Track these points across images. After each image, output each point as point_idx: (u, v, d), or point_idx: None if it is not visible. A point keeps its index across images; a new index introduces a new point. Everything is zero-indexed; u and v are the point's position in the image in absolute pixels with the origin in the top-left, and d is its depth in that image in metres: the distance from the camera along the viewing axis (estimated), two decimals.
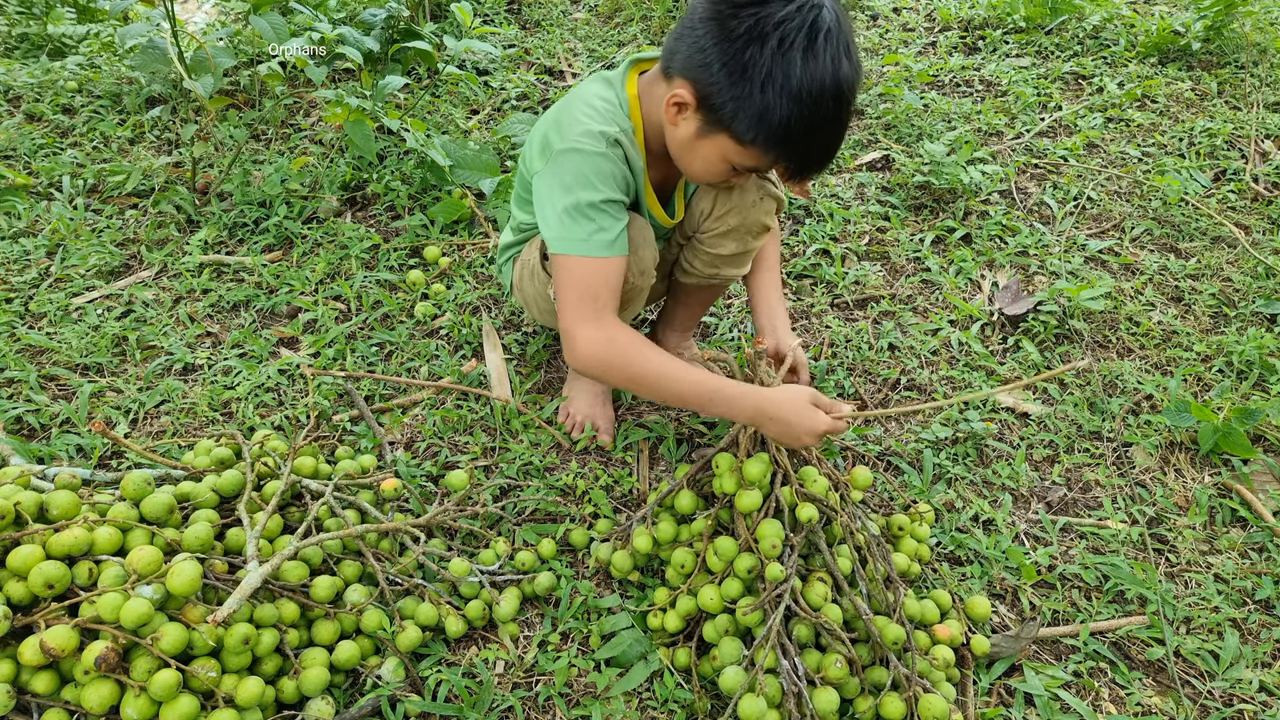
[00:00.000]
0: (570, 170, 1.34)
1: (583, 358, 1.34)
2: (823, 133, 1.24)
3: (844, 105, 1.21)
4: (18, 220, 2.39)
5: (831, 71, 1.17)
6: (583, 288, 1.34)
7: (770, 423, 1.33)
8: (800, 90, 1.17)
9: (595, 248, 1.33)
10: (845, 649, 1.30)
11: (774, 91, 1.18)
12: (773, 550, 1.33)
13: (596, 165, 1.34)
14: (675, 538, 1.51)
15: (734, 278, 1.75)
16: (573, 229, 1.33)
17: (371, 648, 1.40)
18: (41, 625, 1.15)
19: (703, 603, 1.38)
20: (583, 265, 1.33)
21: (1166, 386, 2.00)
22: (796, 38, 1.15)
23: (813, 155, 1.28)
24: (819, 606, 1.34)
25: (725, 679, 1.29)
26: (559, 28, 3.68)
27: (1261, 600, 1.57)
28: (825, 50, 1.16)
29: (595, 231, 1.33)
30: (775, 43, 1.16)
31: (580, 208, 1.33)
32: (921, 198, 2.64)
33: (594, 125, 1.35)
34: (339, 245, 2.35)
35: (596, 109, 1.39)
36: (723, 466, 1.44)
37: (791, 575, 1.34)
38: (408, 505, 1.65)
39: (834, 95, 1.18)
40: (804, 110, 1.19)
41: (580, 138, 1.34)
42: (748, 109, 1.21)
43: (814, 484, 1.42)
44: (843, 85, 1.18)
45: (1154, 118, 3.02)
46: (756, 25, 1.17)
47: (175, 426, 1.82)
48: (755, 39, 1.17)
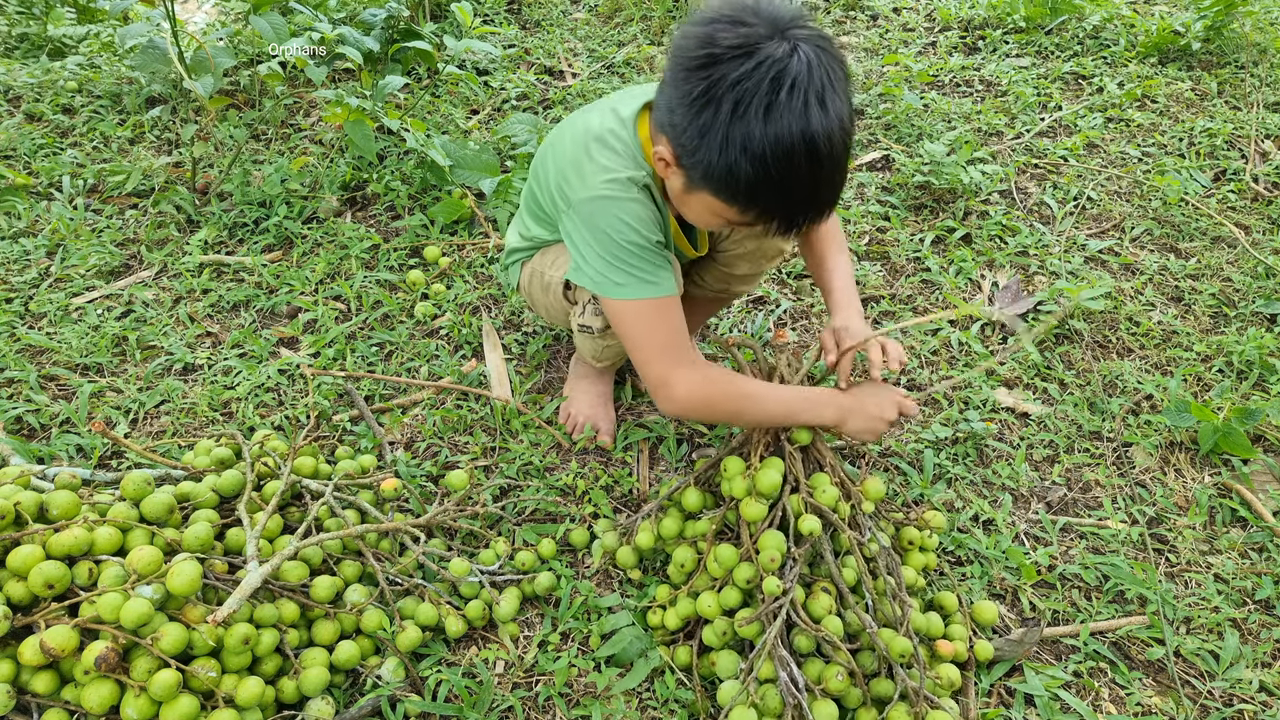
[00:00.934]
0: (607, 218, 1.31)
1: (683, 401, 1.35)
2: (800, 188, 1.16)
3: (818, 156, 1.12)
4: (18, 220, 2.39)
5: (800, 126, 1.09)
6: (663, 334, 1.33)
7: (853, 418, 1.39)
8: (763, 151, 1.11)
9: (650, 290, 1.32)
10: (847, 661, 1.29)
11: (735, 153, 1.12)
12: (771, 564, 1.31)
13: (633, 211, 1.31)
14: (680, 534, 1.51)
15: (743, 293, 1.77)
16: (621, 275, 1.32)
17: (371, 648, 1.40)
18: (41, 625, 1.15)
19: (701, 609, 1.37)
20: (652, 308, 1.32)
21: (1166, 386, 2.00)
22: (753, 99, 1.08)
23: (796, 209, 1.20)
24: (821, 618, 1.33)
25: (722, 692, 1.29)
26: (559, 28, 3.68)
27: (1261, 600, 1.57)
28: (791, 104, 1.08)
29: (653, 273, 1.32)
30: (730, 106, 1.10)
31: (630, 253, 1.31)
32: (921, 198, 2.64)
33: (619, 172, 1.32)
34: (339, 245, 2.35)
35: (616, 151, 1.34)
36: (732, 470, 1.42)
37: (791, 589, 1.32)
38: (408, 505, 1.65)
39: (806, 150, 1.11)
40: (770, 170, 1.12)
41: (608, 185, 1.31)
42: (714, 173, 1.16)
43: (823, 494, 1.40)
44: (815, 137, 1.10)
45: (1154, 118, 3.02)
46: (710, 89, 1.11)
47: (175, 426, 1.82)
48: (710, 102, 1.11)
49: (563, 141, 1.44)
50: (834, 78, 1.12)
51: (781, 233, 1.23)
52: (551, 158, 1.45)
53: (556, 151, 1.44)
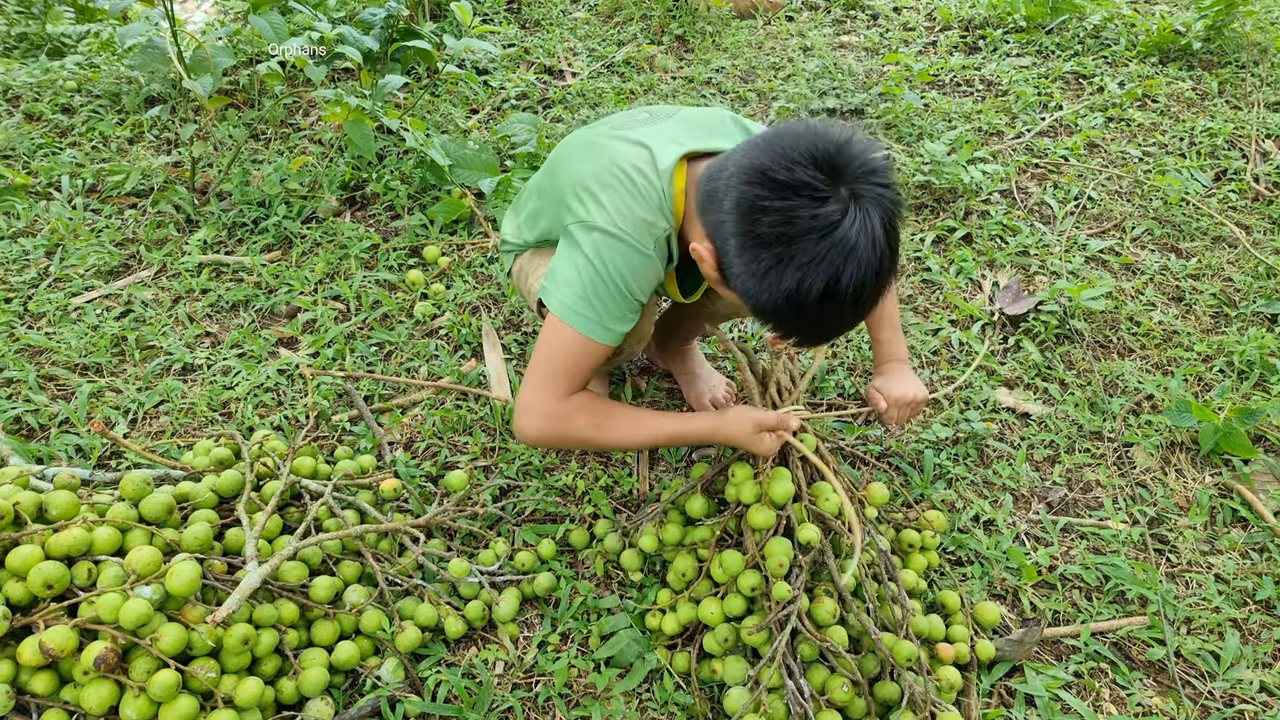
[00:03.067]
0: (611, 257, 1.30)
1: (532, 435, 1.36)
2: (835, 328, 1.20)
3: (860, 307, 1.15)
4: (17, 220, 2.39)
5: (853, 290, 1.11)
6: (568, 363, 1.34)
7: (731, 443, 1.43)
8: (814, 308, 1.13)
9: (598, 333, 1.33)
10: (851, 671, 1.29)
11: (782, 304, 1.14)
12: (779, 569, 1.31)
13: (636, 265, 1.30)
14: (681, 540, 1.50)
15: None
16: (584, 305, 1.31)
17: (371, 648, 1.40)
18: (41, 625, 1.15)
19: (703, 615, 1.37)
20: (579, 343, 1.33)
21: (1167, 386, 1.99)
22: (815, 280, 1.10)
23: (816, 339, 1.24)
24: (826, 624, 1.33)
25: (730, 700, 1.28)
26: (559, 27, 3.68)
27: (1262, 600, 1.57)
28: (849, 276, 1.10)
29: (606, 319, 1.32)
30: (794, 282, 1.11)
31: (610, 297, 1.31)
32: (922, 197, 2.64)
33: (645, 216, 1.30)
34: (338, 245, 2.35)
35: (644, 196, 1.31)
36: (740, 476, 1.42)
37: (799, 596, 1.32)
38: (407, 505, 1.65)
39: (852, 304, 1.13)
40: (812, 317, 1.16)
41: (630, 228, 1.29)
42: (756, 307, 1.19)
43: (825, 501, 1.40)
44: (863, 298, 1.13)
45: (1155, 117, 3.02)
46: (778, 262, 1.12)
47: (174, 427, 1.81)
48: (773, 272, 1.12)
49: (581, 161, 1.40)
50: (891, 237, 1.13)
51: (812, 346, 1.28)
52: (564, 171, 1.41)
53: (572, 168, 1.40)
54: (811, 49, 3.53)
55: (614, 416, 1.40)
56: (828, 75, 3.31)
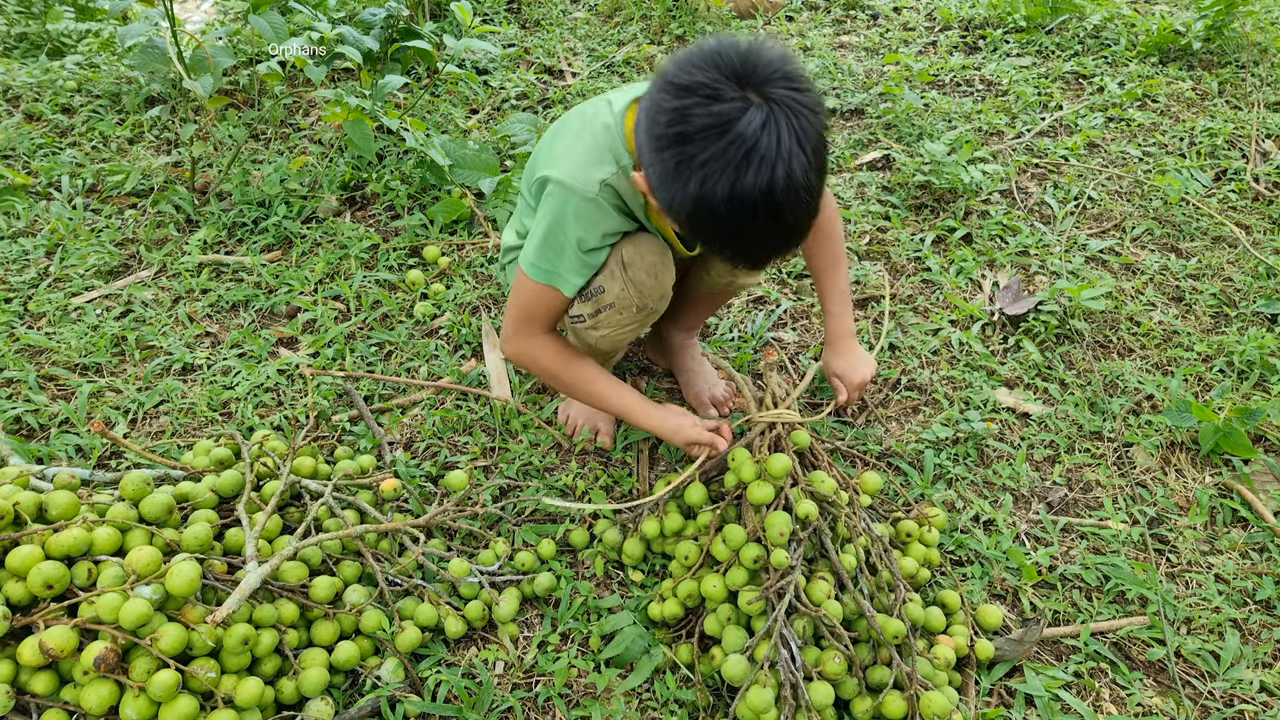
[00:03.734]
0: (556, 203, 1.37)
1: (508, 355, 1.58)
2: (760, 241, 1.18)
3: (779, 216, 1.12)
4: (17, 220, 2.39)
5: (763, 191, 1.09)
6: (528, 309, 1.50)
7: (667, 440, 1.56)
8: (727, 214, 1.12)
9: (553, 281, 1.43)
10: (844, 646, 1.30)
11: (702, 214, 1.14)
12: (780, 538, 1.34)
13: (582, 211, 1.36)
14: (681, 530, 1.52)
15: (749, 285, 1.77)
16: (539, 256, 1.42)
17: (371, 648, 1.40)
18: (41, 626, 1.15)
19: (706, 590, 1.38)
20: (537, 290, 1.46)
21: (1167, 386, 1.99)
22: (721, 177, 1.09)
23: (758, 257, 1.23)
24: (821, 602, 1.34)
25: (729, 667, 1.29)
26: (559, 27, 3.68)
27: (1262, 600, 1.57)
28: (757, 175, 1.09)
29: (557, 268, 1.42)
30: (697, 184, 1.11)
31: (550, 240, 1.39)
32: (922, 197, 2.64)
33: (592, 157, 1.35)
34: (338, 245, 2.35)
35: (598, 139, 1.36)
36: (740, 457, 1.45)
37: (798, 564, 1.34)
38: (407, 505, 1.65)
39: (767, 211, 1.11)
40: (732, 227, 1.14)
41: (576, 172, 1.35)
42: (683, 222, 1.19)
43: (821, 484, 1.44)
44: (778, 203, 1.10)
45: (1155, 117, 3.02)
46: (680, 166, 1.12)
47: (174, 427, 1.81)
48: (680, 178, 1.12)
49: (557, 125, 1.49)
50: (803, 138, 1.10)
51: (748, 270, 1.27)
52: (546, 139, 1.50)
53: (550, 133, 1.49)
54: (811, 49, 3.53)
55: (573, 368, 1.55)
56: (828, 75, 3.31)
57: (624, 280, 1.44)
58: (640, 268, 1.44)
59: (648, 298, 1.48)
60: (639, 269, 1.44)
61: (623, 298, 1.45)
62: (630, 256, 1.43)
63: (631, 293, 1.45)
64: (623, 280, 1.44)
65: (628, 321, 1.51)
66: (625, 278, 1.43)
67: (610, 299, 1.46)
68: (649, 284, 1.45)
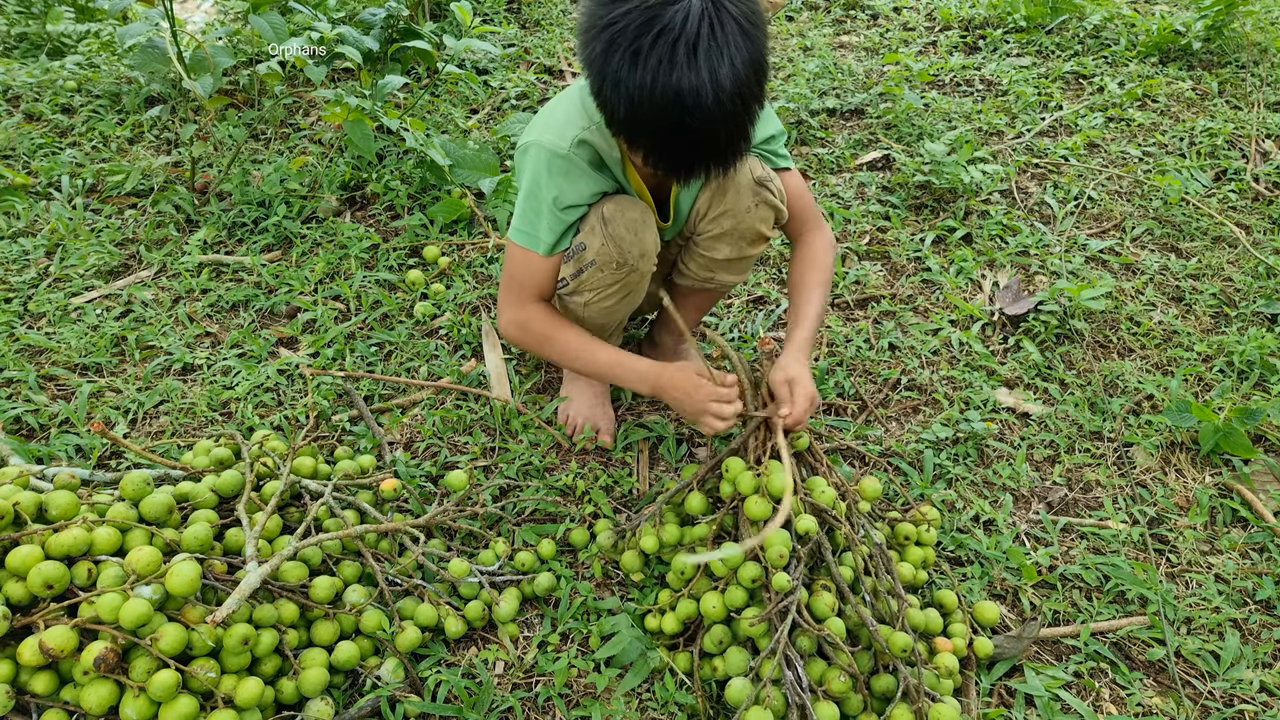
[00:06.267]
0: (532, 163, 1.42)
1: (502, 332, 1.60)
2: (673, 139, 1.16)
3: (684, 111, 1.09)
4: (17, 220, 2.39)
5: (664, 79, 1.07)
6: (514, 275, 1.53)
7: (667, 394, 1.49)
8: (632, 96, 1.11)
9: (533, 244, 1.47)
10: (849, 663, 1.29)
11: (609, 90, 1.14)
12: (780, 560, 1.31)
13: (556, 166, 1.40)
14: (680, 540, 1.50)
15: (731, 284, 1.74)
16: (521, 220, 1.47)
17: (371, 648, 1.40)
18: (41, 625, 1.15)
19: (705, 610, 1.37)
20: (521, 256, 1.50)
21: (1167, 386, 1.99)
22: (621, 42, 1.08)
23: (679, 160, 1.21)
24: (825, 617, 1.33)
25: (732, 691, 1.28)
26: (559, 27, 3.68)
27: (1262, 600, 1.57)
28: (655, 53, 1.06)
29: (537, 229, 1.46)
30: (603, 46, 1.11)
31: (529, 200, 1.44)
32: (922, 197, 2.64)
33: (567, 115, 1.40)
34: (338, 245, 2.35)
35: (571, 100, 1.42)
36: (735, 469, 1.42)
37: (798, 586, 1.32)
38: (407, 505, 1.65)
39: (673, 104, 1.09)
40: (641, 115, 1.13)
41: (546, 132, 1.40)
42: (602, 107, 1.21)
43: (821, 494, 1.41)
44: (680, 93, 1.07)
45: (1154, 117, 3.02)
46: (591, 27, 1.13)
47: (174, 427, 1.81)
48: (591, 40, 1.14)
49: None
50: (720, 30, 1.07)
51: (680, 181, 1.26)
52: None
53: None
54: (811, 49, 3.53)
55: (565, 332, 1.55)
56: (828, 75, 3.31)
57: (604, 235, 1.46)
58: (620, 223, 1.46)
59: (627, 253, 1.47)
60: (619, 224, 1.45)
61: (603, 253, 1.47)
62: (610, 213, 1.45)
63: (611, 248, 1.46)
64: (603, 235, 1.46)
65: (610, 281, 1.51)
66: (605, 233, 1.45)
67: (591, 255, 1.48)
68: (628, 239, 1.46)
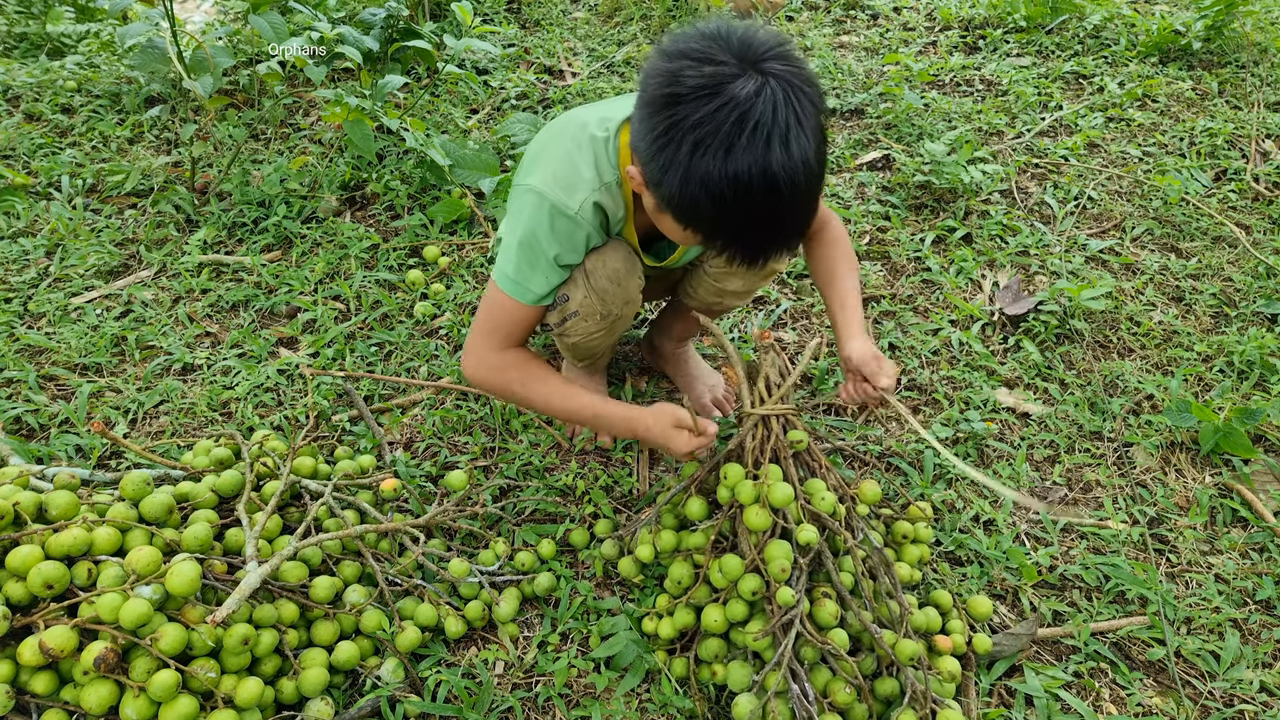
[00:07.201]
0: (532, 212, 1.35)
1: (469, 374, 1.49)
2: (759, 224, 1.15)
3: (778, 195, 1.10)
4: (17, 220, 2.39)
5: (760, 166, 1.07)
6: (495, 320, 1.45)
7: (645, 439, 1.44)
8: (721, 190, 1.09)
9: (521, 294, 1.41)
10: (853, 674, 1.28)
11: (695, 189, 1.11)
12: (781, 574, 1.29)
13: (558, 226, 1.35)
14: (677, 546, 1.48)
15: (736, 307, 1.76)
16: (509, 266, 1.39)
17: (371, 648, 1.40)
18: (41, 625, 1.15)
19: (707, 624, 1.35)
20: (503, 301, 1.42)
21: (1167, 386, 1.99)
22: (714, 141, 1.07)
23: (757, 245, 1.19)
24: (828, 626, 1.32)
25: (738, 708, 1.27)
26: (559, 27, 3.68)
27: (1262, 600, 1.57)
28: (752, 145, 1.07)
29: (529, 281, 1.39)
30: (690, 147, 1.09)
31: (525, 251, 1.37)
32: (922, 197, 2.64)
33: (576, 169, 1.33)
34: (338, 245, 2.35)
35: (582, 149, 1.35)
36: (733, 476, 1.38)
37: (801, 599, 1.31)
38: (407, 505, 1.65)
39: (765, 188, 1.09)
40: (729, 206, 1.11)
41: (554, 185, 1.33)
42: (676, 204, 1.16)
43: (821, 500, 1.39)
44: (776, 177, 1.08)
45: (1155, 117, 3.02)
46: (671, 129, 1.10)
47: (174, 427, 1.81)
48: (671, 141, 1.10)
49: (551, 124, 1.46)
50: (802, 115, 1.09)
51: (746, 264, 1.22)
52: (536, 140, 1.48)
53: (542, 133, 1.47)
54: (811, 49, 3.53)
55: (542, 381, 1.46)
56: (828, 75, 3.31)
57: (586, 288, 1.43)
58: (602, 275, 1.43)
59: (610, 304, 1.47)
60: (600, 276, 1.43)
61: (586, 305, 1.45)
62: (592, 265, 1.42)
63: (594, 300, 1.45)
64: (585, 288, 1.43)
65: (594, 329, 1.51)
66: (588, 286, 1.43)
67: (574, 307, 1.46)
68: (611, 290, 1.45)
